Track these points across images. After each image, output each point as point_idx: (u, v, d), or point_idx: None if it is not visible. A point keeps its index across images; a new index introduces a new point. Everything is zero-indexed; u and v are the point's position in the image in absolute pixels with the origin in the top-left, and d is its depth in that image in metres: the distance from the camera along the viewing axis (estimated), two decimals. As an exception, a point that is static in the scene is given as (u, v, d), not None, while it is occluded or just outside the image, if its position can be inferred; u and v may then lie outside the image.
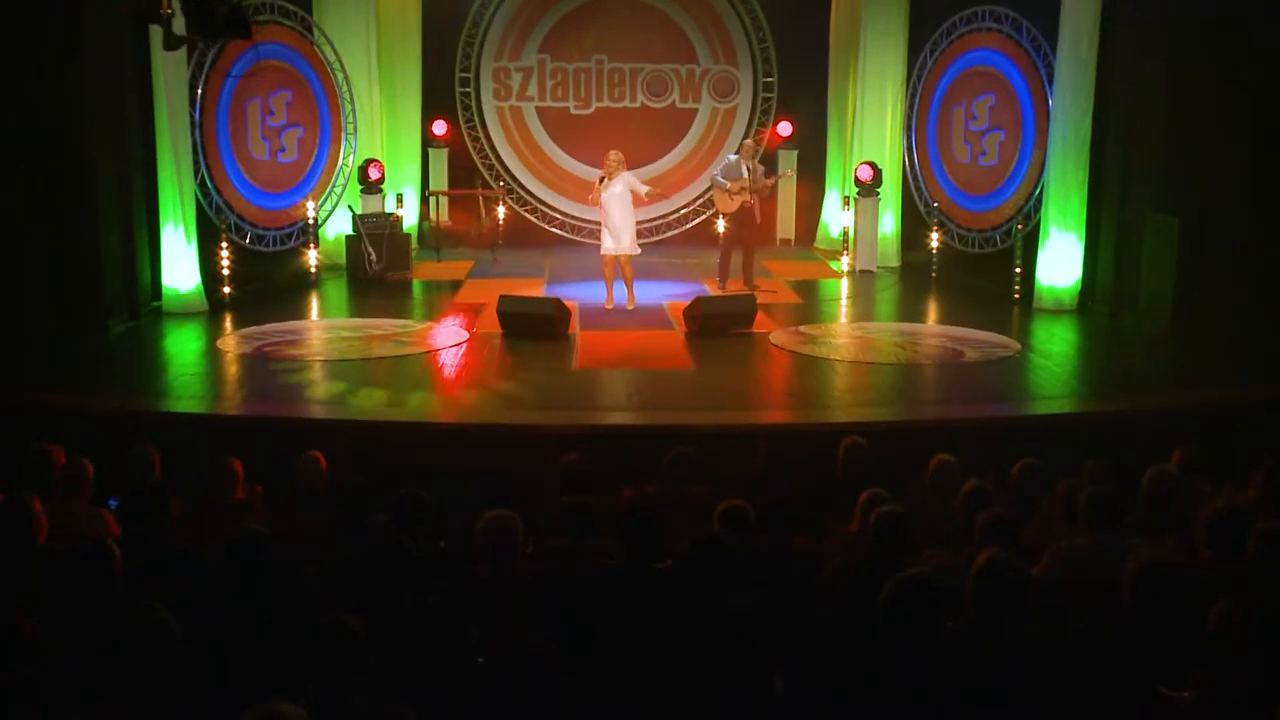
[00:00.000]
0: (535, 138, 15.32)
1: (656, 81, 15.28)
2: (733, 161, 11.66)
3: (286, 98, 12.43)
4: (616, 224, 10.46)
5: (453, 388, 8.06)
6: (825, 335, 9.79)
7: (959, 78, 12.79)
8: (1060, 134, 10.78)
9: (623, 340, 9.54)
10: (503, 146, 15.25)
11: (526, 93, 15.22)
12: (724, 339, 9.52)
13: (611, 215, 10.45)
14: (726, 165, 11.67)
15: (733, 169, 11.58)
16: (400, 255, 12.58)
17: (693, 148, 15.48)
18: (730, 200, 11.56)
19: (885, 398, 7.80)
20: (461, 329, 9.83)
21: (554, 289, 11.68)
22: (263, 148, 12.16)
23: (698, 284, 12.19)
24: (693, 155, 15.50)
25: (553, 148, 15.33)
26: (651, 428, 7.10)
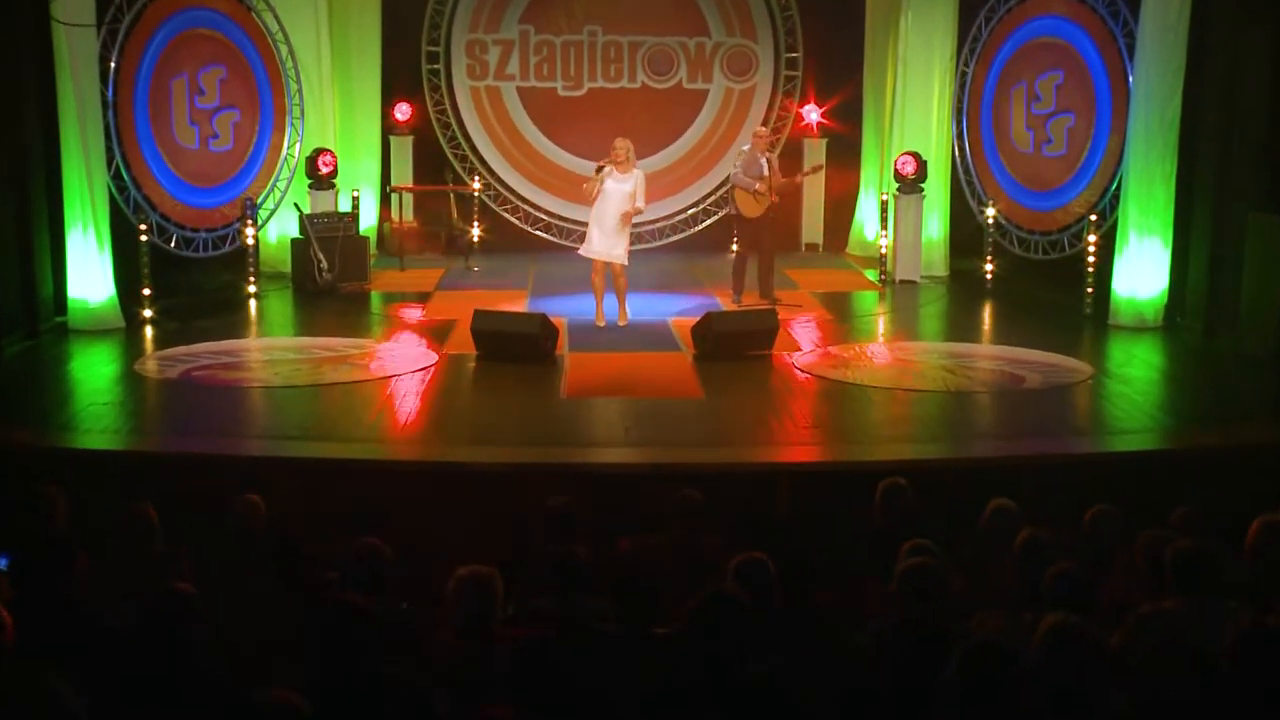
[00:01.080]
0: (516, 124, 15.41)
1: (660, 57, 15.38)
2: (745, 155, 11.72)
3: (219, 74, 12.50)
4: (610, 224, 10.49)
5: (418, 420, 8.07)
6: (859, 357, 9.81)
7: (1020, 51, 12.87)
8: (1143, 117, 10.77)
9: (620, 364, 9.56)
10: (478, 134, 15.34)
11: (506, 71, 15.31)
12: (739, 362, 9.54)
13: (607, 213, 10.48)
14: (744, 160, 11.71)
15: (751, 164, 11.63)
16: (356, 263, 12.64)
17: (702, 136, 15.57)
18: (755, 202, 11.61)
19: (931, 431, 7.81)
20: (428, 350, 9.85)
21: (539, 303, 11.72)
22: (191, 134, 12.23)
23: (708, 297, 12.22)
24: (702, 145, 15.59)
25: (537, 136, 15.41)
26: (653, 467, 7.11)
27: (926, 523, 5.55)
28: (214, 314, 11.28)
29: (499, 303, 11.32)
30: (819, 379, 9.07)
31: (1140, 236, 10.86)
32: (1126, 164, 11.00)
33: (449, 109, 15.21)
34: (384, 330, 10.89)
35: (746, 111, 15.50)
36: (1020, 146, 12.88)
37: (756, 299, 11.69)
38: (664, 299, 12.01)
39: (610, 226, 10.45)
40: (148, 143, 11.65)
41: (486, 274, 13.72)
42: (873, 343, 10.57)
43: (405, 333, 10.69)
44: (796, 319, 11.14)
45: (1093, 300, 11.27)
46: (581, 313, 11.14)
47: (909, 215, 13.27)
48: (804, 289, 12.75)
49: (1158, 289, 10.90)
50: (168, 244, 11.76)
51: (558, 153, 15.37)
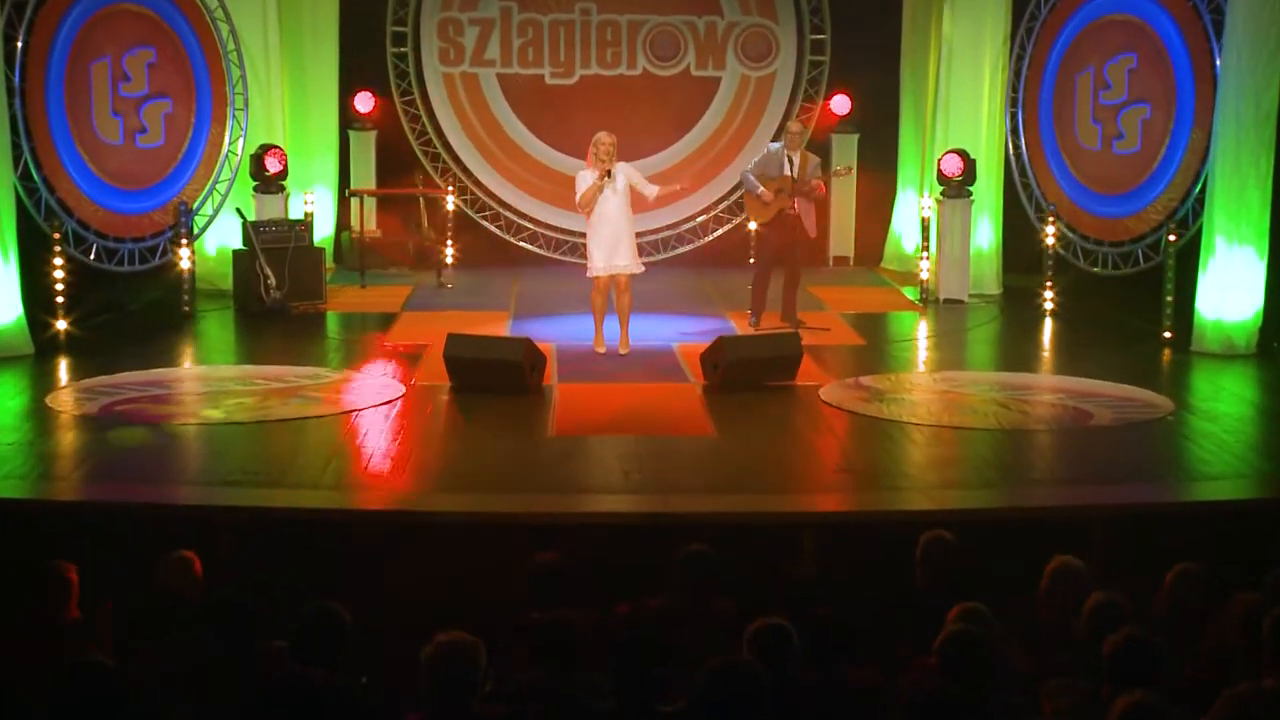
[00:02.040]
0: (497, 117, 15.48)
1: (664, 39, 15.49)
2: (772, 152, 11.77)
3: (148, 58, 12.56)
4: (614, 231, 10.52)
5: (382, 463, 8.07)
6: (897, 389, 9.82)
7: (1085, 31, 12.95)
8: (1232, 107, 10.75)
9: (617, 396, 9.57)
10: (452, 129, 15.42)
11: (484, 55, 15.41)
12: (757, 394, 9.55)
13: (606, 220, 10.51)
14: (764, 158, 11.78)
15: (770, 163, 11.69)
16: (309, 278, 12.68)
17: (714, 131, 15.65)
18: (764, 207, 11.66)
19: (981, 476, 7.81)
20: (394, 381, 9.86)
21: (523, 326, 11.72)
22: (114, 127, 12.28)
23: (720, 319, 12.24)
24: (714, 141, 15.67)
25: (521, 131, 15.49)
26: (656, 517, 7.09)
27: (976, 583, 5.53)
28: (141, 338, 11.28)
29: (476, 326, 11.31)
30: (849, 414, 9.07)
31: (1229, 248, 10.82)
32: (1213, 163, 11.01)
33: (418, 100, 15.29)
34: (342, 358, 10.89)
35: (765, 102, 15.59)
36: (1086, 143, 12.93)
37: (777, 321, 11.72)
38: (669, 321, 12.02)
39: (612, 234, 10.47)
40: (62, 137, 11.67)
41: (462, 292, 13.72)
42: (912, 372, 10.57)
43: (367, 360, 10.70)
44: (823, 345, 11.15)
45: (1172, 323, 11.27)
46: (573, 337, 11.15)
47: (955, 223, 13.32)
48: (832, 309, 12.77)
49: (1250, 310, 10.87)
50: (86, 256, 11.79)
51: (545, 151, 15.44)
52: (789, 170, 11.54)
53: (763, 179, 11.56)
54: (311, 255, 12.82)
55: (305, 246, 12.78)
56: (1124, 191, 12.46)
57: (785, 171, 11.56)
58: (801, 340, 10.17)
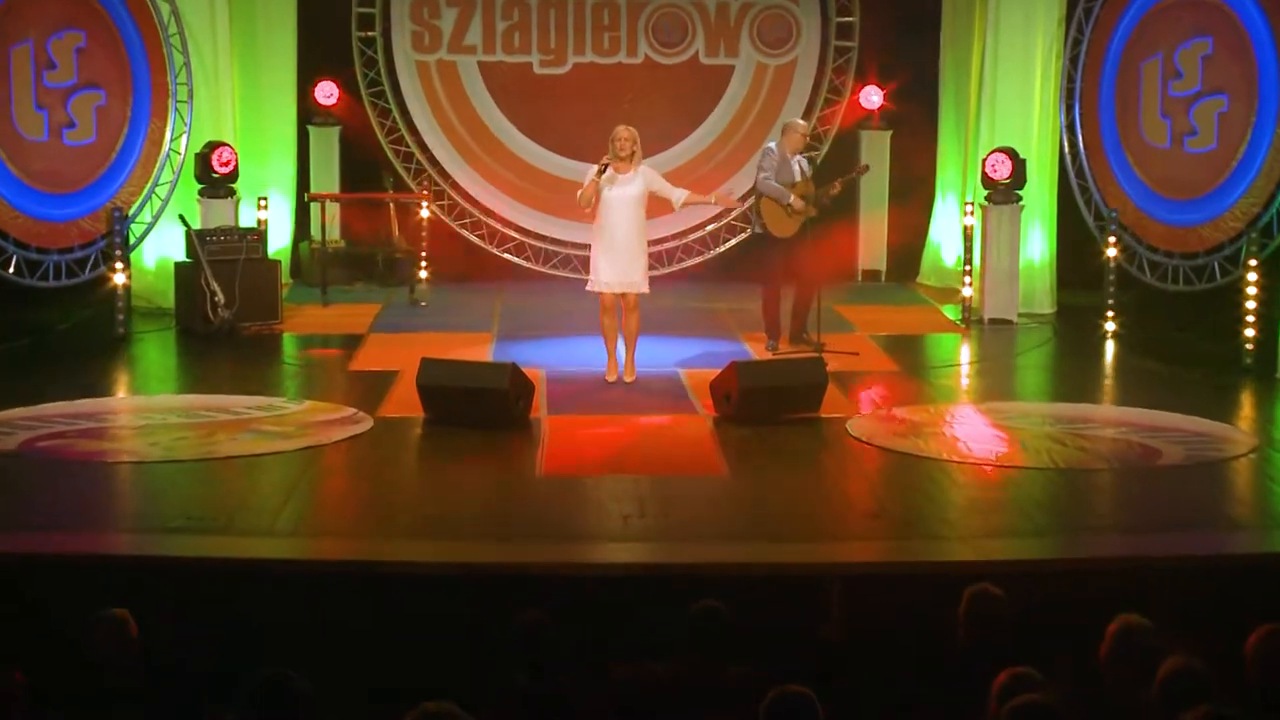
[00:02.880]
0: (479, 111, 15.50)
1: (669, 22, 15.52)
2: (773, 153, 11.74)
3: (77, 42, 12.59)
4: (623, 244, 10.51)
5: (345, 506, 8.05)
6: (935, 422, 9.81)
7: (1153, 12, 12.96)
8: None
9: (615, 430, 9.57)
10: (427, 125, 15.44)
11: (464, 40, 15.44)
12: (775, 427, 9.55)
13: (615, 230, 10.49)
14: (769, 161, 11.73)
15: (780, 167, 11.67)
16: (263, 295, 12.70)
17: (725, 128, 15.67)
18: (789, 219, 11.65)
19: (1033, 522, 7.80)
20: (359, 413, 9.85)
21: (508, 349, 11.73)
22: (38, 122, 12.31)
23: (733, 341, 12.26)
24: (725, 139, 15.69)
25: (505, 127, 15.50)
26: (660, 568, 7.08)
27: (1028, 644, 5.52)
28: (69, 364, 11.28)
29: (455, 349, 11.32)
30: (881, 451, 9.07)
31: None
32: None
33: (388, 91, 15.31)
34: (300, 386, 10.89)
35: (784, 94, 15.61)
36: (1153, 140, 12.95)
37: (797, 344, 11.71)
38: (674, 344, 12.03)
39: (620, 247, 10.45)
40: (-20, 133, 11.73)
41: (438, 310, 13.74)
42: (954, 403, 10.57)
43: (329, 389, 10.70)
44: (851, 371, 11.16)
45: (1254, 346, 11.28)
46: (565, 361, 11.16)
47: (1002, 233, 13.33)
48: (861, 331, 12.78)
49: (1343, 332, 10.93)
50: (5, 269, 11.79)
51: (533, 149, 15.45)
52: (800, 175, 11.61)
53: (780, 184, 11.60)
54: (265, 269, 12.84)
55: (258, 259, 12.79)
56: (1197, 196, 12.45)
57: (796, 177, 11.62)
58: (826, 366, 10.17)
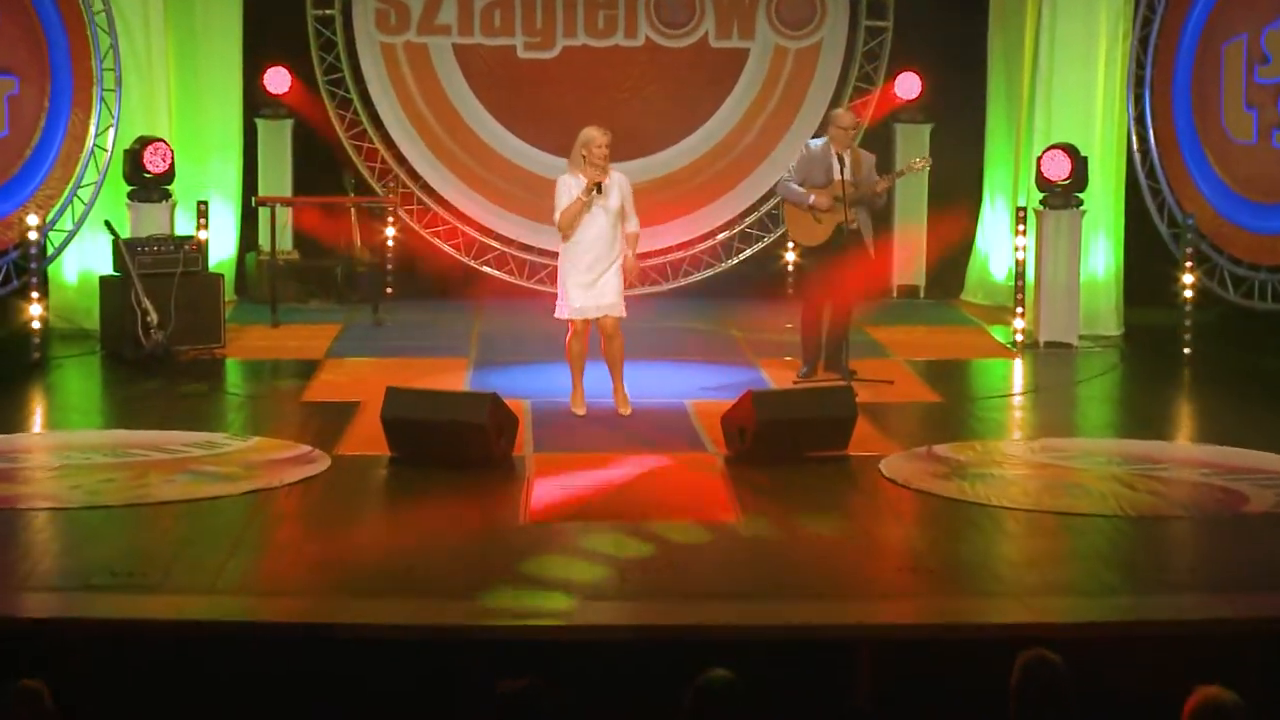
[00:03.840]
0: (453, 101, 15.52)
1: (675, 1, 15.53)
2: (814, 152, 11.72)
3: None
4: (598, 261, 10.49)
5: (298, 559, 8.01)
6: (983, 462, 9.77)
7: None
8: None
9: (612, 470, 9.53)
10: (394, 117, 15.46)
11: (436, 19, 15.49)
12: (797, 468, 9.52)
13: (589, 246, 10.48)
14: (803, 159, 11.75)
15: (814, 165, 11.66)
16: (203, 314, 12.68)
17: (739, 121, 15.69)
18: (815, 223, 11.62)
19: (1097, 578, 7.75)
20: (314, 451, 9.82)
21: (487, 377, 11.73)
22: (-59, 115, 12.34)
23: (748, 368, 12.26)
24: (739, 134, 15.71)
25: (484, 120, 15.52)
26: (664, 632, 7.04)
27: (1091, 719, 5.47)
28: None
29: (425, 377, 11.30)
30: (920, 495, 9.02)
31: None
32: None
33: (348, 78, 15.33)
34: (246, 420, 10.87)
35: (807, 83, 15.63)
36: (1237, 136, 12.95)
37: (832, 374, 11.70)
38: (680, 371, 12.03)
39: (593, 266, 10.43)
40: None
41: (406, 332, 13.73)
42: (1004, 440, 10.54)
43: (279, 424, 10.67)
44: (884, 402, 11.14)
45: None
46: (552, 392, 11.13)
47: (1060, 242, 13.32)
48: (896, 356, 12.77)
49: None
50: (-91, 285, 11.78)
51: (516, 146, 15.47)
52: (839, 173, 11.51)
53: (807, 188, 11.57)
54: (205, 284, 12.83)
55: (197, 272, 12.78)
56: (1287, 200, 12.48)
57: (835, 175, 11.55)
58: (856, 397, 10.14)
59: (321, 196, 15.03)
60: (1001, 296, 14.30)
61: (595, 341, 10.66)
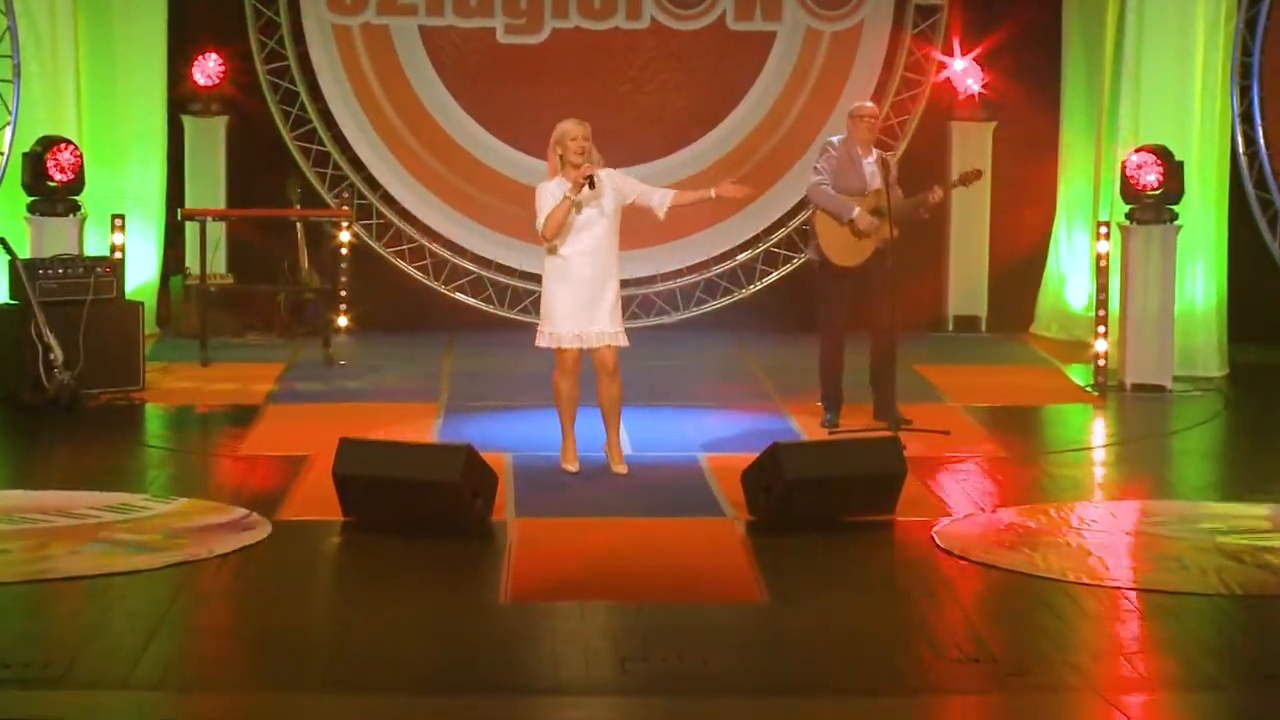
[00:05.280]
0: (420, 95, 15.58)
1: (685, -26, 15.66)
2: (837, 151, 11.74)
3: None
4: (587, 280, 10.48)
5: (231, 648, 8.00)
6: (1057, 529, 9.76)
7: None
8: None
9: (609, 538, 9.54)
10: (349, 114, 15.53)
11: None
12: (832, 536, 9.52)
13: (576, 262, 10.46)
14: (832, 159, 11.75)
15: (845, 167, 11.69)
16: (118, 350, 12.70)
17: (763, 119, 15.78)
18: (855, 241, 11.64)
19: (1199, 671, 7.73)
20: (253, 515, 9.82)
21: (460, 426, 11.76)
22: None
23: (774, 414, 12.30)
24: (762, 136, 15.78)
25: (458, 117, 15.59)
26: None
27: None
28: None
29: (387, 426, 11.31)
30: (982, 568, 9.01)
31: None
32: None
33: (294, 68, 15.38)
34: (169, 478, 10.85)
35: (845, 72, 15.68)
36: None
37: (867, 420, 11.72)
38: (692, 419, 12.06)
39: (586, 284, 10.43)
40: None
41: (362, 371, 13.74)
42: (1084, 502, 10.51)
43: (210, 482, 10.67)
44: (939, 457, 11.17)
45: None
46: (539, 444, 11.17)
47: (1151, 264, 13.33)
48: (953, 401, 12.80)
49: None
50: None
51: (496, 150, 15.55)
52: (875, 180, 11.58)
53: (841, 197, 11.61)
54: (122, 314, 12.85)
55: (112, 300, 12.81)
56: None
57: (871, 183, 11.61)
58: (904, 450, 10.15)
59: (262, 209, 15.03)
60: (1079, 329, 14.31)
61: (589, 379, 10.67)
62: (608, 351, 10.52)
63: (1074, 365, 13.93)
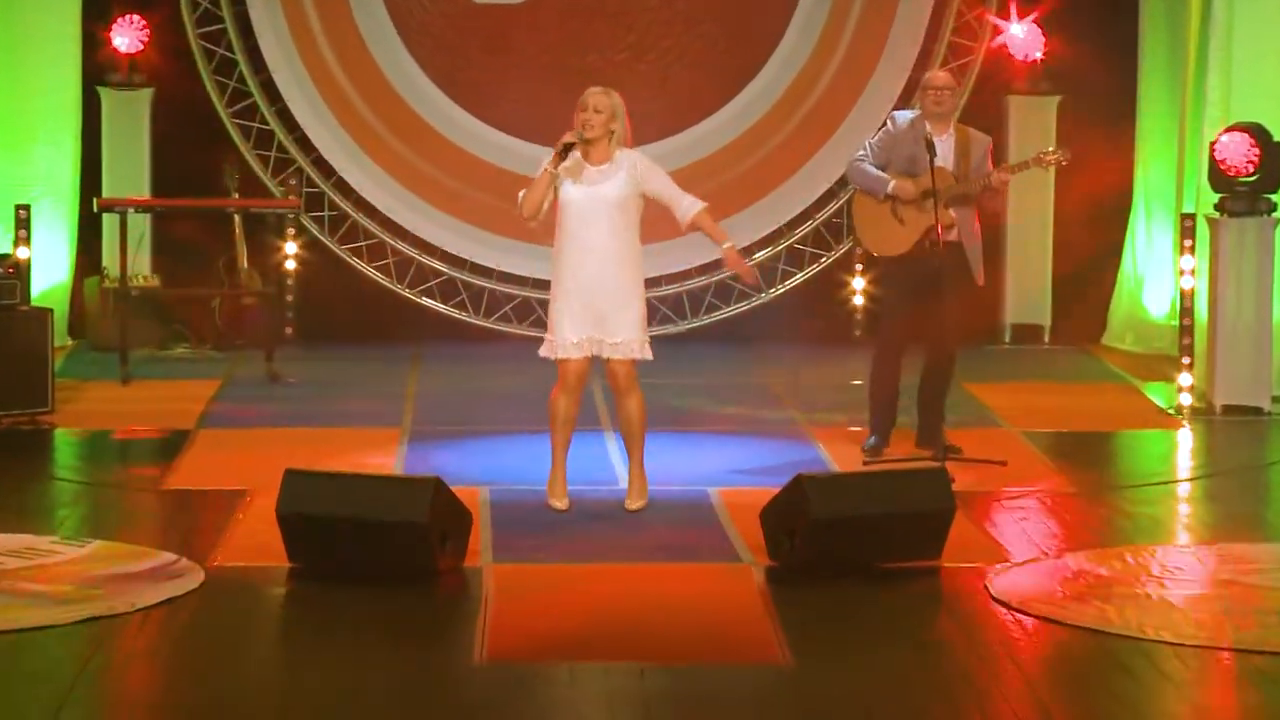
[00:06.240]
0: (382, 65, 15.64)
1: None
2: (899, 127, 11.82)
3: None
4: (595, 276, 10.53)
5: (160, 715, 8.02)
6: (1134, 577, 9.79)
7: None
8: None
9: (606, 588, 9.59)
10: (297, 86, 15.59)
11: (357, -49, 15.67)
12: (868, 585, 9.57)
13: (582, 255, 10.53)
14: (886, 136, 11.85)
15: (899, 145, 11.76)
16: (22, 365, 12.75)
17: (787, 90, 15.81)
18: (896, 223, 11.67)
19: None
20: (182, 560, 9.83)
21: (426, 455, 11.83)
22: None
23: (799, 441, 12.38)
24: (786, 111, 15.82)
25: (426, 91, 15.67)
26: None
27: None
28: None
29: (340, 455, 11.38)
30: (1046, 624, 9.02)
31: None
32: None
33: (232, 31, 15.40)
34: (83, 516, 10.89)
35: (881, 39, 15.72)
36: None
37: (910, 448, 11.80)
38: (701, 446, 12.13)
39: (594, 280, 10.45)
40: None
41: (312, 390, 13.84)
42: (1167, 545, 10.55)
43: (131, 522, 10.71)
44: (994, 491, 11.21)
45: None
46: (519, 476, 11.25)
47: (1245, 263, 13.37)
48: (1011, 426, 12.85)
49: None
50: None
51: (472, 129, 15.62)
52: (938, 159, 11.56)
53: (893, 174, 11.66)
54: (27, 323, 12.90)
55: (15, 306, 12.87)
56: None
57: (926, 166, 11.58)
58: (954, 483, 10.17)
59: (193, 198, 15.05)
60: (1160, 341, 14.36)
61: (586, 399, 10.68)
62: (617, 364, 10.56)
63: (1153, 383, 13.97)
